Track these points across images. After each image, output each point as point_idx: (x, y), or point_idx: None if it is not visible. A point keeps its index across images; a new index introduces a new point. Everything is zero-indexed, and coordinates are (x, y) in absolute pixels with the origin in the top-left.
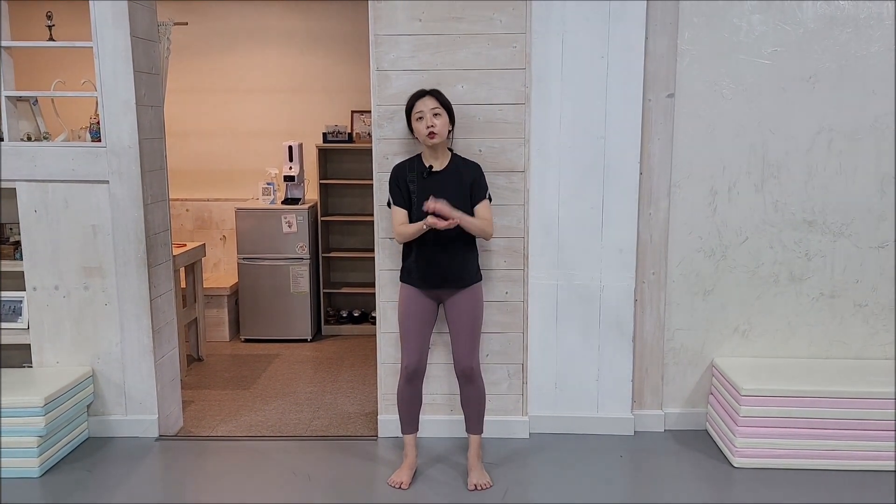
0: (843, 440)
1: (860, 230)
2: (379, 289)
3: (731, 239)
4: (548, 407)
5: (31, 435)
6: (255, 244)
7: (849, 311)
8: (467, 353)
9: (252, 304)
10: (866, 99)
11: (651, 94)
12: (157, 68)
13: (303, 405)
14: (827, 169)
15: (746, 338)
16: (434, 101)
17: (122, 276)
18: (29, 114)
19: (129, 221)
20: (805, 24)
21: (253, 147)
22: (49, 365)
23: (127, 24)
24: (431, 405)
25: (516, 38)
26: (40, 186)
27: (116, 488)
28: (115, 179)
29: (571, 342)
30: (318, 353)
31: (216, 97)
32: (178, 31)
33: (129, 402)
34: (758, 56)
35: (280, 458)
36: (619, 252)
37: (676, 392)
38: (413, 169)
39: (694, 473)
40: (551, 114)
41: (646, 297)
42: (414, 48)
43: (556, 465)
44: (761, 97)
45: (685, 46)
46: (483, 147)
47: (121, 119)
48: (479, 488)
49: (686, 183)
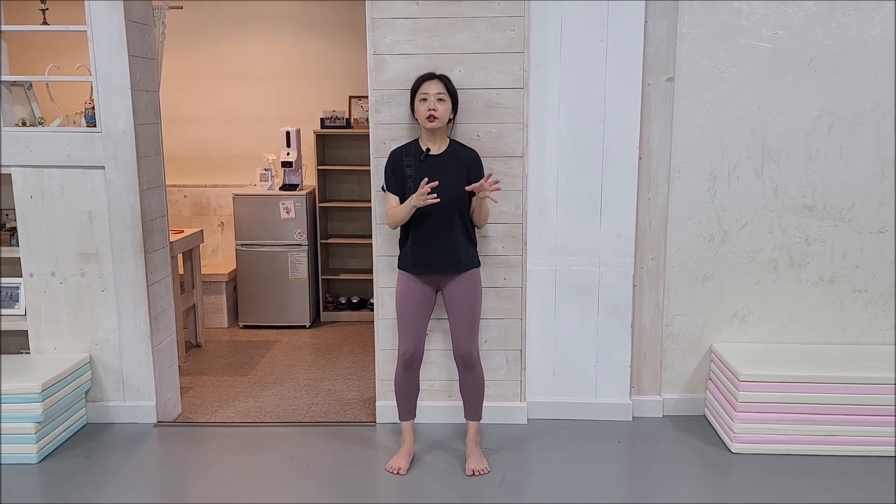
0: (842, 426)
1: (860, 215)
2: (377, 275)
3: (731, 224)
4: (546, 393)
5: (29, 421)
6: (253, 230)
7: (848, 296)
8: (466, 339)
9: (250, 290)
10: (867, 83)
11: (650, 79)
12: (152, 52)
13: (301, 391)
14: (827, 153)
15: (745, 323)
16: (441, 85)
17: (118, 263)
18: (23, 99)
19: (126, 207)
20: (806, 7)
21: (250, 133)
22: (46, 351)
23: (121, 7)
24: (429, 391)
25: (514, 22)
26: (36, 172)
27: (115, 474)
28: (110, 165)
29: (570, 328)
30: (317, 339)
31: (213, 82)
32: (173, 16)
33: (127, 388)
34: (758, 39)
35: (278, 444)
36: (617, 237)
37: (675, 378)
38: (410, 153)
39: (692, 459)
40: (550, 98)
41: (644, 283)
42: (411, 32)
43: (554, 451)
44: (761, 81)
45: (685, 30)
46: (481, 132)
47: (116, 104)
48: (478, 474)
49: (685, 168)
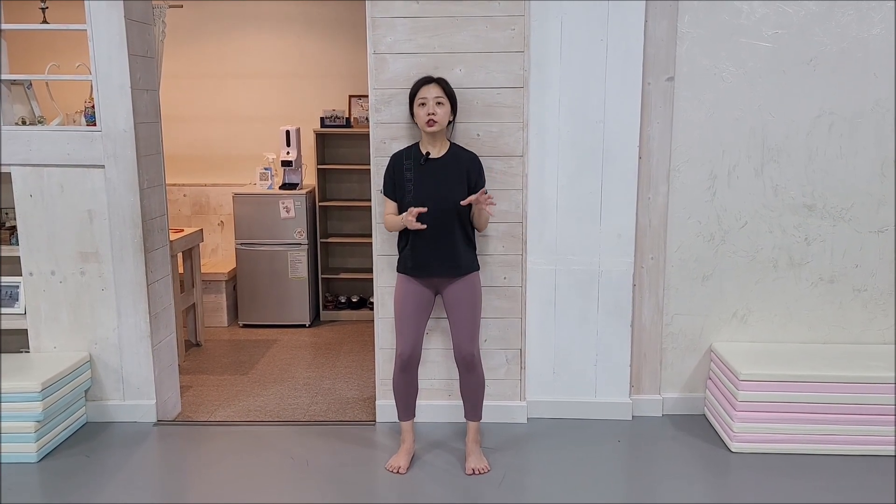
0: (842, 425)
1: (860, 214)
2: (377, 274)
3: (731, 223)
4: (546, 392)
5: (29, 420)
6: (252, 229)
7: (848, 295)
8: (467, 340)
9: (250, 289)
10: (867, 82)
11: (650, 78)
12: (152, 51)
13: (301, 390)
14: (827, 153)
15: (745, 323)
16: (439, 89)
17: (118, 262)
18: (23, 98)
19: (125, 206)
20: (806, 7)
21: (250, 132)
22: (46, 350)
23: (121, 6)
24: (429, 390)
25: (515, 21)
26: (35, 171)
27: (115, 473)
28: (110, 164)
29: (569, 327)
30: (317, 338)
31: (213, 81)
32: (173, 14)
33: (127, 387)
34: (758, 39)
35: (278, 443)
36: (617, 237)
37: (674, 377)
38: (410, 157)
39: (692, 458)
40: (550, 97)
41: (644, 282)
42: (411, 31)
43: (554, 450)
44: (761, 80)
45: (685, 29)
46: (481, 131)
47: (116, 103)
48: (477, 473)
49: (685, 167)
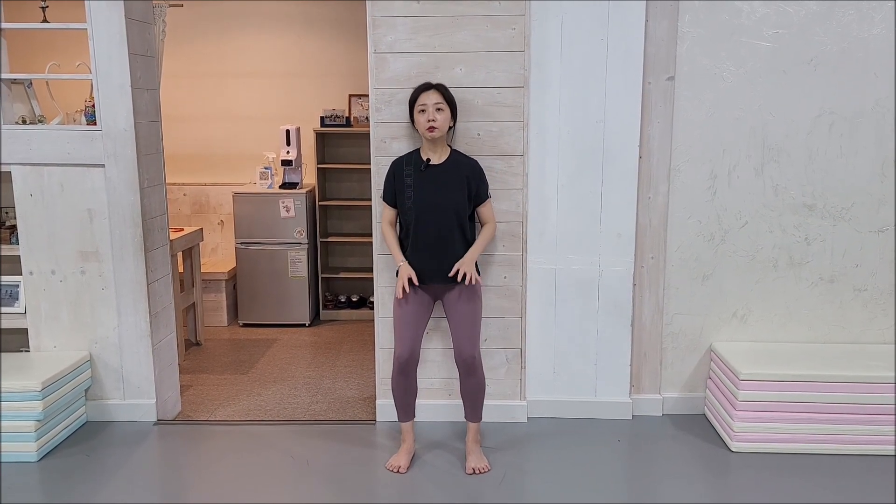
0: (842, 424)
1: (860, 214)
2: (377, 273)
3: (731, 223)
4: (546, 391)
5: (29, 419)
6: (252, 229)
7: (848, 295)
8: (468, 344)
9: (250, 288)
10: (867, 82)
11: (651, 77)
12: (152, 50)
13: (301, 390)
14: (827, 152)
15: (745, 322)
16: (438, 95)
17: (118, 261)
18: (23, 97)
19: (126, 205)
20: (807, 6)
21: (250, 131)
22: (46, 349)
23: (121, 5)
24: (429, 390)
25: (515, 20)
26: (35, 170)
27: (115, 472)
28: (110, 163)
29: (570, 326)
30: (317, 337)
31: (213, 81)
32: (173, 14)
33: (127, 386)
34: (759, 38)
35: (278, 443)
36: (617, 236)
37: (675, 376)
38: (411, 163)
39: (692, 458)
40: (550, 97)
41: (644, 282)
42: (411, 30)
43: (554, 450)
44: (762, 80)
45: (685, 29)
46: (481, 131)
47: (116, 102)
48: (478, 472)
49: (685, 167)
